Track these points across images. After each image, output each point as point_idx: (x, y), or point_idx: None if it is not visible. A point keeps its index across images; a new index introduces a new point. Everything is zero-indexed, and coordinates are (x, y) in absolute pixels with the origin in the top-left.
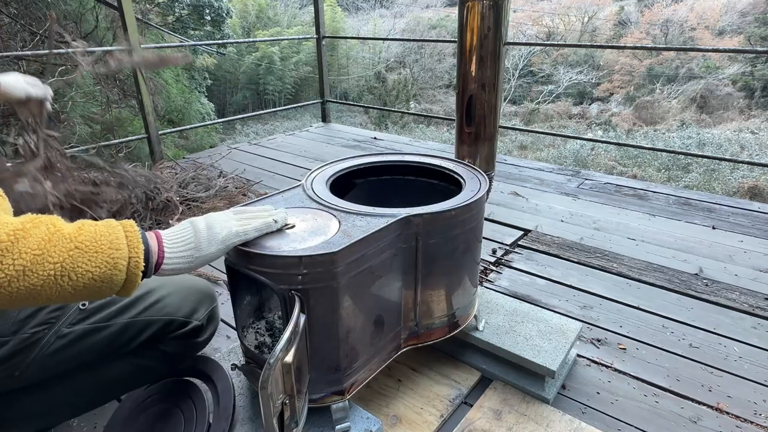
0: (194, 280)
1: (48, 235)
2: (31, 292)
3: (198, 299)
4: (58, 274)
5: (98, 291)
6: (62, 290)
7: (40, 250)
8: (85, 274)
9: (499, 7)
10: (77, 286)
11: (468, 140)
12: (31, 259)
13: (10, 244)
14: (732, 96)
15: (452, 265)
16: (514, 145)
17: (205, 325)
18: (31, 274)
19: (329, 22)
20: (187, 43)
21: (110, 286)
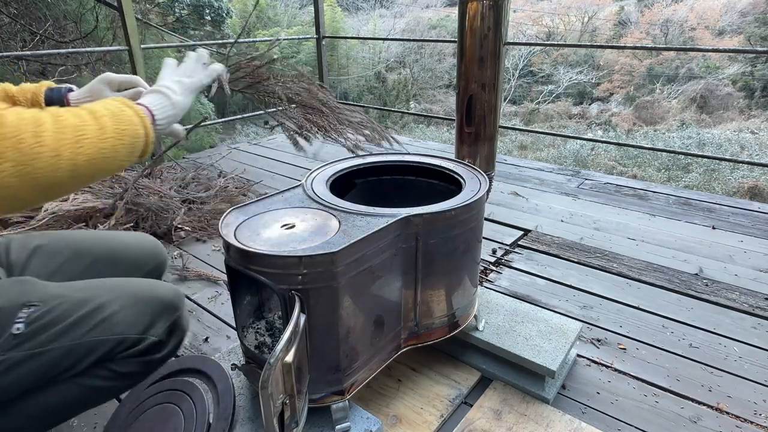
0: (154, 289)
1: (89, 115)
2: (99, 154)
3: (156, 311)
4: (113, 137)
5: (133, 147)
6: (111, 155)
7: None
8: (125, 133)
9: (499, 7)
10: (122, 138)
11: (468, 140)
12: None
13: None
14: (732, 96)
15: (452, 265)
16: (514, 145)
17: (165, 340)
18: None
19: (329, 22)
20: (187, 43)
21: (138, 141)
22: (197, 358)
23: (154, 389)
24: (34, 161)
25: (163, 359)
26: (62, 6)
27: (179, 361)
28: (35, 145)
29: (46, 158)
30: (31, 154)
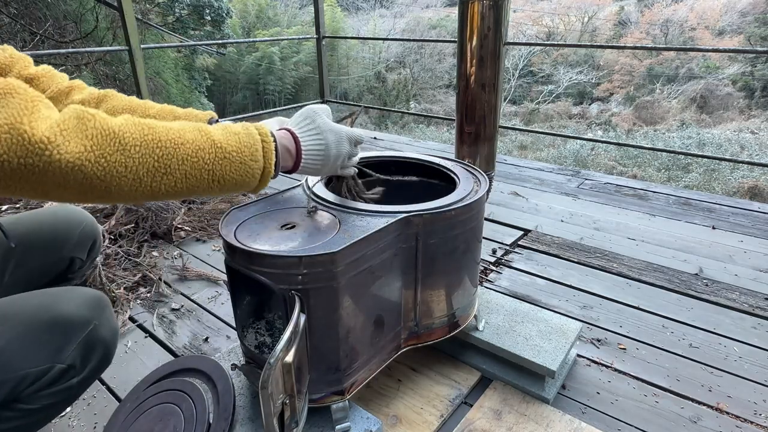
0: (53, 307)
1: (202, 139)
2: (190, 189)
3: (60, 333)
4: (211, 178)
5: (235, 189)
6: (210, 190)
7: (196, 157)
8: (230, 180)
9: (499, 7)
10: (223, 188)
11: (468, 140)
12: (191, 164)
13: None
14: (732, 96)
15: (452, 265)
16: (514, 145)
17: (79, 363)
18: (191, 176)
19: (329, 22)
20: (187, 43)
21: (246, 187)
22: (197, 358)
23: (154, 389)
24: (118, 182)
25: (84, 382)
26: (62, 6)
27: (179, 361)
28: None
29: (128, 180)
30: (116, 176)
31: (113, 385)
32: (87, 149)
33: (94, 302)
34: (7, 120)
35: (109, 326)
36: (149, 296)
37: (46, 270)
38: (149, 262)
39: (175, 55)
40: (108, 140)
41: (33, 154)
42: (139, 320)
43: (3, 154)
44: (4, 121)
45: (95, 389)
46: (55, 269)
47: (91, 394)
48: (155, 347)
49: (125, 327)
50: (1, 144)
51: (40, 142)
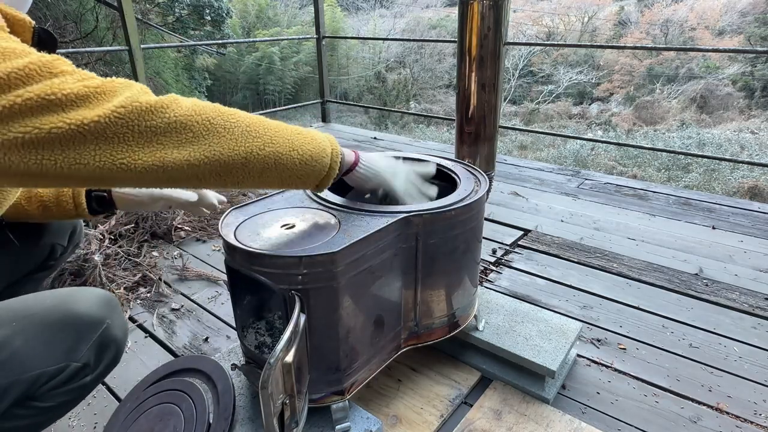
0: (67, 307)
1: (276, 123)
2: (275, 156)
3: (73, 333)
4: (291, 147)
5: (311, 165)
6: (291, 161)
7: (278, 128)
8: (306, 152)
9: (499, 7)
10: (302, 159)
11: (468, 140)
12: (275, 132)
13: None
14: (732, 96)
15: (452, 265)
16: (514, 145)
17: (93, 361)
18: (275, 142)
19: (329, 22)
20: (187, 43)
21: (319, 165)
22: (197, 358)
23: (154, 389)
24: (218, 140)
25: (97, 380)
26: (62, 6)
27: (179, 361)
28: (227, 121)
29: (227, 140)
30: (217, 134)
31: (113, 385)
32: (195, 112)
33: (106, 302)
34: (131, 97)
35: (121, 325)
36: (149, 296)
37: (28, 258)
38: (149, 262)
39: (175, 55)
40: (209, 107)
41: (156, 116)
42: (139, 320)
43: (135, 119)
44: (129, 98)
45: (95, 389)
46: (37, 257)
47: (91, 394)
48: (155, 347)
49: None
50: (133, 112)
51: (160, 107)
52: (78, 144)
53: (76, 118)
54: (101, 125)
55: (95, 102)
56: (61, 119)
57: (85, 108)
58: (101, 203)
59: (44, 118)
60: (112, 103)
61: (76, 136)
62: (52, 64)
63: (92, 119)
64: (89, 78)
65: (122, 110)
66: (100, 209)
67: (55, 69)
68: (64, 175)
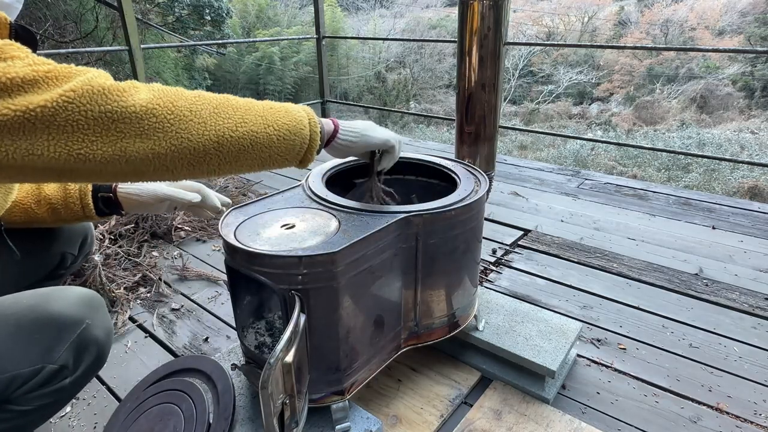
0: (43, 307)
1: (245, 101)
2: (251, 135)
3: (50, 333)
4: (265, 123)
5: (290, 147)
6: (268, 138)
7: (248, 106)
8: (283, 126)
9: (499, 7)
10: (279, 135)
11: (468, 140)
12: (245, 110)
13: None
14: (732, 96)
15: (452, 265)
16: (514, 145)
17: (71, 363)
18: (248, 120)
19: (329, 22)
20: (187, 43)
21: (300, 141)
22: (197, 358)
23: (154, 389)
24: (186, 125)
25: (77, 383)
26: (62, 6)
27: (179, 361)
28: (188, 110)
29: (195, 124)
30: (183, 119)
31: (113, 385)
32: (156, 97)
33: (86, 301)
34: (84, 80)
35: (103, 326)
36: (149, 296)
37: (38, 266)
38: (149, 262)
39: (175, 55)
40: (171, 92)
41: (111, 101)
42: (139, 320)
43: (86, 104)
44: (81, 81)
45: (95, 389)
46: (47, 265)
47: (91, 394)
48: (155, 347)
49: (125, 327)
50: (84, 96)
51: (116, 90)
52: (28, 132)
53: (21, 104)
54: (49, 110)
55: (44, 87)
56: (6, 105)
57: (33, 93)
58: (108, 204)
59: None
60: (62, 87)
61: (25, 123)
62: (1, 48)
63: (38, 104)
64: (41, 63)
65: (71, 94)
66: (107, 210)
67: (4, 54)
68: (17, 166)
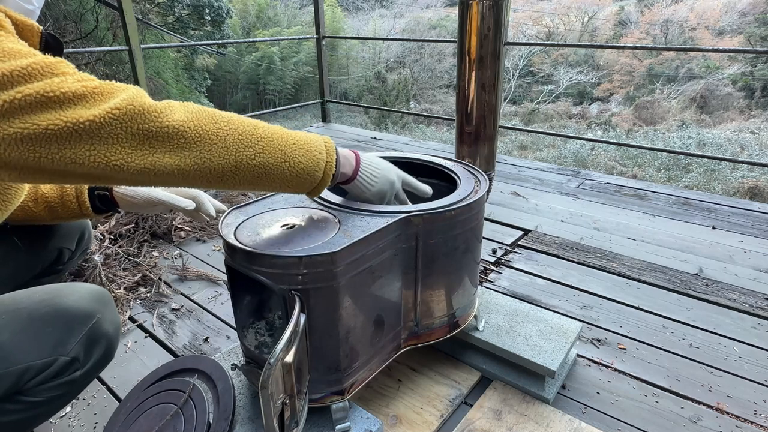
0: (56, 301)
1: (274, 127)
2: (266, 166)
3: (61, 327)
4: (283, 157)
5: (303, 176)
6: (282, 172)
7: (271, 137)
8: (299, 164)
9: (499, 7)
10: (293, 171)
11: (468, 140)
12: (267, 141)
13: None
14: (732, 96)
15: (452, 265)
16: (514, 145)
17: (82, 356)
18: (267, 152)
19: (329, 22)
20: (187, 43)
21: (311, 177)
22: (197, 358)
23: (154, 389)
24: (210, 148)
25: (87, 375)
26: (62, 6)
27: (179, 361)
28: (216, 130)
29: (218, 148)
30: (209, 142)
31: (113, 385)
32: (188, 119)
33: (97, 296)
34: (127, 99)
35: (112, 320)
36: (149, 296)
37: (35, 261)
38: (149, 262)
39: (175, 55)
40: (204, 114)
41: (149, 120)
42: (139, 320)
43: (128, 121)
44: (125, 99)
45: (95, 389)
46: (44, 260)
47: (91, 394)
48: (155, 347)
49: (125, 327)
50: (127, 114)
51: (154, 111)
52: (74, 142)
53: (72, 117)
54: (96, 125)
55: (92, 102)
56: (59, 117)
57: (82, 107)
58: (104, 202)
59: (42, 115)
60: (108, 104)
61: (72, 134)
62: (55, 65)
63: (88, 118)
64: (88, 79)
65: (117, 112)
66: (104, 207)
67: (57, 70)
68: (60, 172)
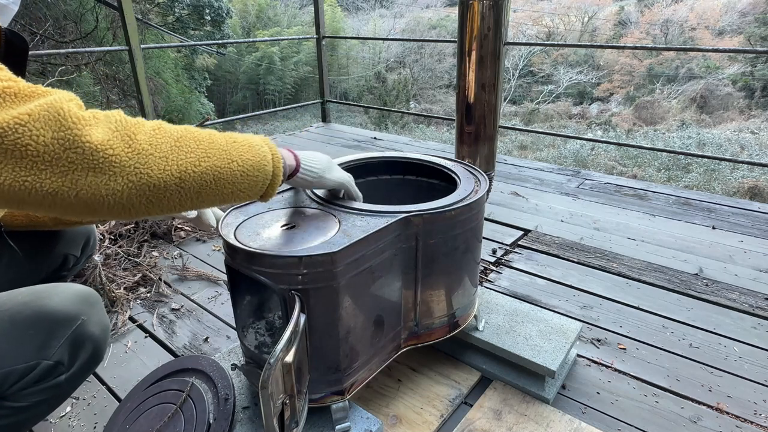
0: (38, 303)
1: (210, 131)
2: (214, 170)
3: (45, 329)
4: (229, 158)
5: (253, 182)
6: (232, 173)
7: (210, 139)
8: (247, 161)
9: (499, 7)
10: (243, 170)
11: (468, 140)
12: (208, 144)
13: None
14: (732, 96)
15: (452, 265)
16: (514, 145)
17: (66, 360)
18: (211, 155)
19: (329, 22)
20: (187, 43)
21: (263, 176)
22: (197, 358)
23: (154, 389)
24: (145, 160)
25: (74, 379)
26: (62, 6)
27: (179, 361)
28: (148, 146)
29: (155, 158)
30: (143, 153)
31: (113, 385)
32: (114, 129)
33: (82, 298)
34: (43, 104)
35: (99, 322)
36: (149, 296)
37: (40, 268)
38: (149, 262)
39: (175, 55)
40: (130, 123)
41: (65, 127)
42: (139, 320)
43: (39, 128)
44: (40, 104)
45: (95, 389)
46: (49, 267)
47: (91, 394)
48: (155, 347)
49: (125, 327)
50: (39, 120)
51: (73, 117)
52: None
53: None
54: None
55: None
56: None
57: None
58: None
59: None
60: (19, 108)
61: None
62: None
63: None
64: (5, 79)
65: (26, 117)
66: None
67: None
68: None
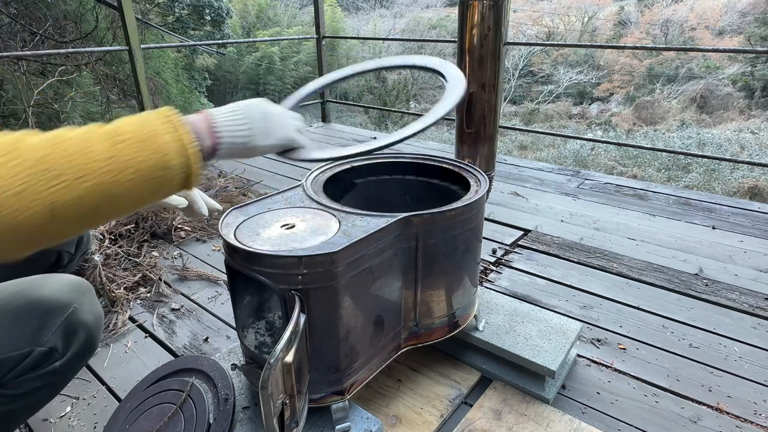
0: (30, 291)
1: (90, 130)
2: (95, 198)
3: (37, 317)
4: (118, 169)
5: (157, 174)
6: (130, 183)
7: (87, 148)
8: (142, 163)
9: (499, 7)
10: (143, 176)
11: (468, 140)
12: (81, 156)
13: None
14: (732, 96)
15: (452, 265)
16: (514, 145)
17: (60, 346)
18: (90, 176)
19: (329, 22)
20: (187, 43)
21: (170, 173)
22: (197, 358)
23: (154, 389)
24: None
25: (69, 365)
26: (62, 6)
27: (179, 361)
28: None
29: (7, 199)
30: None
31: (113, 385)
32: None
33: (73, 286)
34: None
35: (92, 310)
36: (149, 296)
37: (33, 265)
38: (149, 262)
39: (175, 55)
40: None
41: None
42: (139, 320)
43: None
44: None
45: (95, 389)
46: (43, 264)
47: (91, 394)
48: (155, 347)
49: (125, 327)
50: None
51: None
52: None
53: None
54: None
55: None
56: None
57: None
58: None
59: None
60: None
61: None
62: None
63: None
64: None
65: None
66: None
67: None
68: None
